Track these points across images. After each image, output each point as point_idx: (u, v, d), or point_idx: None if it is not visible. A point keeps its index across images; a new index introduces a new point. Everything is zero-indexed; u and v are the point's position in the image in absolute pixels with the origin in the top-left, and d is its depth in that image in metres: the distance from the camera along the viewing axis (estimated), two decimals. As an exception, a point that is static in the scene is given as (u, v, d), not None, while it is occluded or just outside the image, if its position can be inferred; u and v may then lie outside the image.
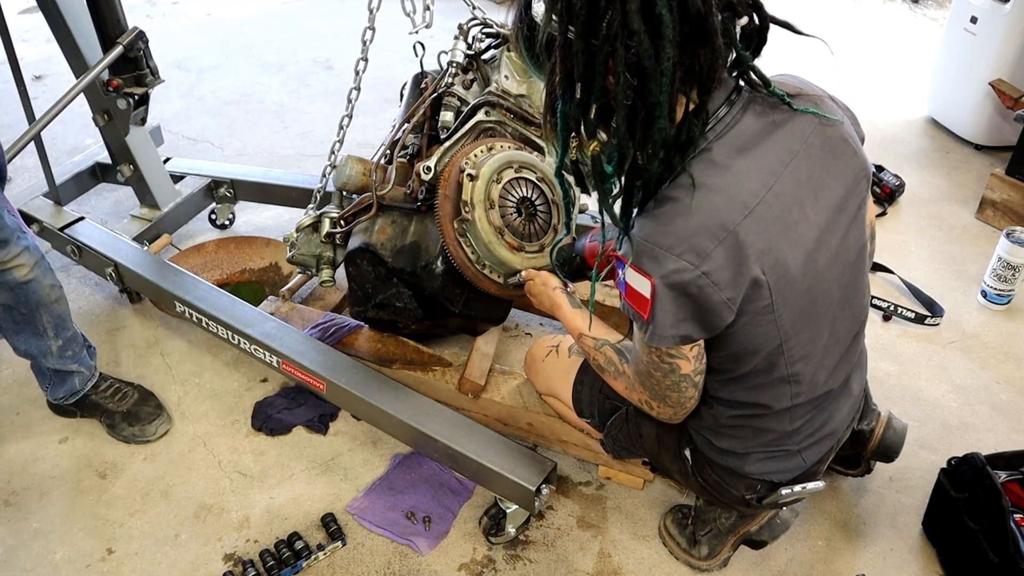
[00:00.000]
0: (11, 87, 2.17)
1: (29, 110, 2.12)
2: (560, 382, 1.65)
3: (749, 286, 1.10)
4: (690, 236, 1.07)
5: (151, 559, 1.66)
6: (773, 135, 1.13)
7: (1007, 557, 1.46)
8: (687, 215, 1.07)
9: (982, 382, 2.13)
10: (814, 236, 1.16)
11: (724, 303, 1.10)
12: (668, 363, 1.20)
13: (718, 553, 1.60)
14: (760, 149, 1.11)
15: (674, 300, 1.10)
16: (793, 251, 1.13)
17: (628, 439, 1.56)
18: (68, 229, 2.27)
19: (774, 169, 1.11)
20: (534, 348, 1.75)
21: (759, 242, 1.09)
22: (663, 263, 1.08)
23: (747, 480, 1.40)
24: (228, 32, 4.39)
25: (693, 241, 1.07)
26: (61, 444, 1.93)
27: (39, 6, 2.08)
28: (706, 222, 1.07)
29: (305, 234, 1.97)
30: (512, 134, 1.84)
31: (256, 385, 2.09)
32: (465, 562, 1.66)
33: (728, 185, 1.08)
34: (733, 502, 1.46)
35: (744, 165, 1.10)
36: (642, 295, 1.11)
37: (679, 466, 1.48)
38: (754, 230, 1.08)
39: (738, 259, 1.08)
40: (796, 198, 1.13)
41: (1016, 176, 2.67)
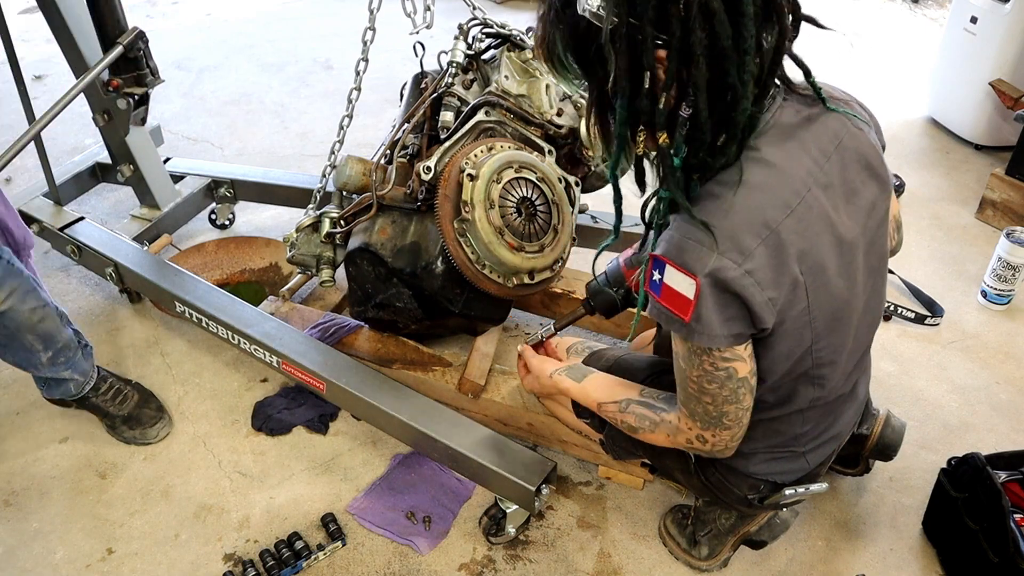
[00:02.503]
0: (11, 87, 2.17)
1: (29, 110, 2.12)
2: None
3: (789, 287, 1.07)
4: (733, 234, 1.03)
5: (151, 559, 1.66)
6: (809, 131, 1.10)
7: (1007, 557, 1.46)
8: (730, 212, 1.04)
9: (982, 382, 2.13)
10: (849, 239, 1.14)
11: (766, 304, 1.06)
12: (724, 368, 1.12)
13: (718, 553, 1.60)
14: (799, 145, 1.09)
15: (718, 299, 1.05)
16: (830, 253, 1.11)
17: (628, 439, 1.54)
18: (68, 229, 2.27)
19: (813, 169, 1.09)
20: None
21: (800, 242, 1.06)
22: (707, 261, 1.04)
23: (750, 480, 1.39)
24: (228, 32, 4.39)
25: (737, 239, 1.03)
26: (61, 444, 1.93)
27: (39, 6, 2.08)
28: (749, 219, 1.04)
29: (305, 234, 1.97)
30: (512, 134, 1.84)
31: (256, 385, 2.09)
32: (465, 562, 1.66)
33: (771, 182, 1.06)
34: (735, 502, 1.46)
35: (785, 162, 1.07)
36: (683, 296, 1.07)
37: (681, 465, 1.48)
38: (795, 229, 1.06)
39: (780, 258, 1.05)
40: (832, 199, 1.11)
41: (1016, 176, 2.67)
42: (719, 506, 1.57)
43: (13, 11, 4.45)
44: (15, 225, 1.81)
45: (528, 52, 1.88)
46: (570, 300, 2.16)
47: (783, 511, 1.54)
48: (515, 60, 1.88)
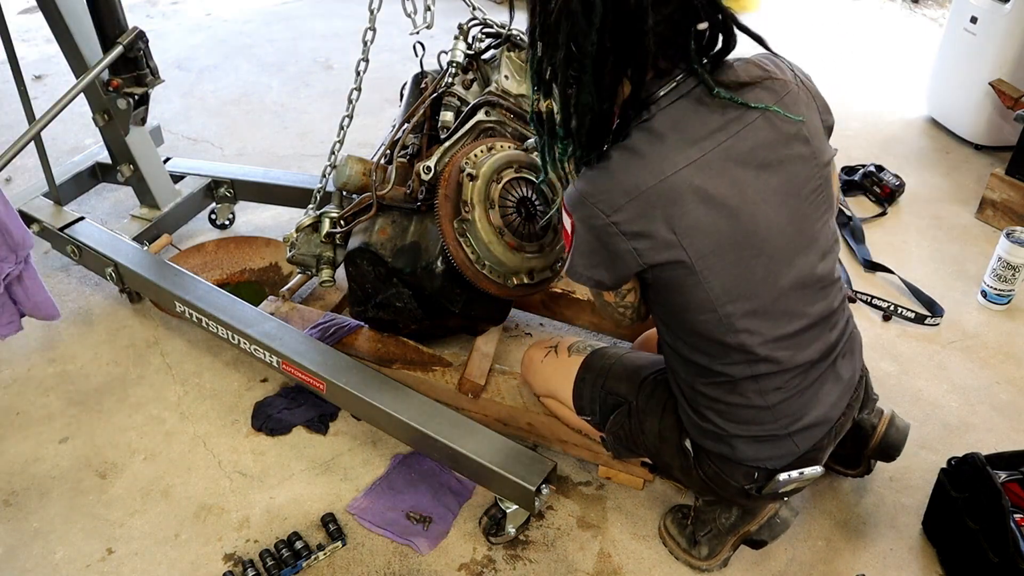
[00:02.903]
0: (11, 87, 2.18)
1: (29, 110, 2.12)
2: (560, 381, 1.64)
3: (660, 244, 1.21)
4: (608, 191, 1.22)
5: (151, 559, 1.66)
6: (713, 115, 1.22)
7: (1007, 557, 1.46)
8: (610, 174, 1.22)
9: (982, 382, 2.13)
10: (749, 211, 1.23)
11: (629, 252, 1.23)
12: (596, 292, 1.40)
13: (718, 553, 1.60)
14: (695, 126, 1.21)
15: (588, 244, 1.26)
16: (717, 222, 1.21)
17: (629, 436, 1.56)
18: (68, 229, 2.27)
19: (704, 144, 1.20)
20: (531, 351, 1.75)
21: (670, 207, 1.20)
22: (583, 208, 1.24)
23: (742, 468, 1.40)
24: (228, 32, 4.39)
25: (609, 195, 1.22)
26: (61, 444, 1.93)
27: (39, 6, 2.08)
28: (623, 181, 1.21)
29: (305, 234, 1.97)
30: (512, 134, 1.84)
31: (256, 385, 2.09)
32: (465, 562, 1.66)
33: (652, 153, 1.20)
34: (734, 494, 1.46)
35: (675, 138, 1.20)
36: (568, 233, 1.30)
37: (680, 461, 1.48)
38: (666, 196, 1.19)
39: (646, 217, 1.20)
40: (727, 173, 1.21)
41: (1016, 176, 2.67)
42: (720, 504, 1.57)
43: (13, 11, 4.45)
44: (15, 225, 1.81)
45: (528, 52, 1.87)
46: (570, 300, 2.16)
47: (783, 510, 1.54)
48: (515, 60, 1.88)
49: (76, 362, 2.16)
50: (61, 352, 2.19)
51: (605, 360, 1.61)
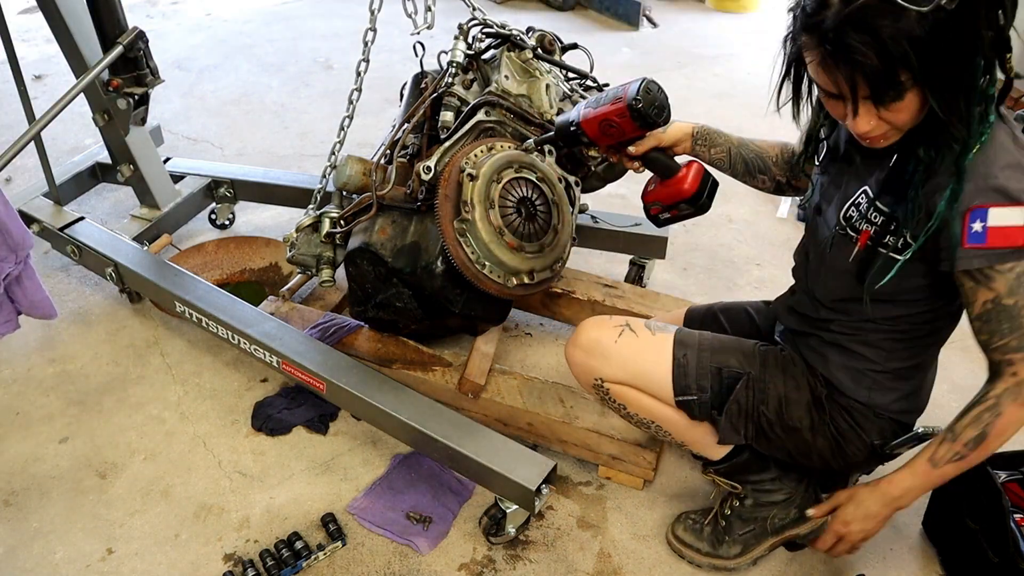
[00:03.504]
0: (11, 87, 2.18)
1: (29, 110, 2.12)
2: (650, 362, 1.50)
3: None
4: (1017, 159, 1.16)
5: (151, 559, 1.66)
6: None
7: (1007, 557, 1.46)
8: (1007, 144, 1.16)
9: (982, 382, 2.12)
10: None
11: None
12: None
13: (751, 551, 1.60)
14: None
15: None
16: None
17: (745, 409, 1.48)
18: (68, 229, 2.27)
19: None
20: (594, 332, 1.55)
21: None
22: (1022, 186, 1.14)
23: (880, 422, 1.43)
24: (228, 32, 4.40)
25: (1020, 163, 1.15)
26: (61, 444, 1.93)
27: (39, 6, 2.08)
28: (1010, 147, 1.16)
29: (305, 234, 1.97)
30: (512, 134, 1.84)
31: (256, 385, 2.09)
32: (465, 562, 1.66)
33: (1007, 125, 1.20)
34: (856, 453, 1.46)
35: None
36: (1015, 227, 1.15)
37: (810, 420, 1.45)
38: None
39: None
40: None
41: (1016, 176, 2.67)
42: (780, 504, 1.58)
43: (13, 11, 4.45)
44: (15, 225, 1.81)
45: (528, 52, 1.88)
46: (570, 300, 2.16)
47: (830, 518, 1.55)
48: (515, 60, 1.88)
49: (76, 362, 2.16)
50: (61, 352, 2.19)
51: (699, 337, 1.53)
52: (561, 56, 2.06)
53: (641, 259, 2.37)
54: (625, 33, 4.62)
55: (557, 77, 1.95)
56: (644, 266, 2.37)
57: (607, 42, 4.47)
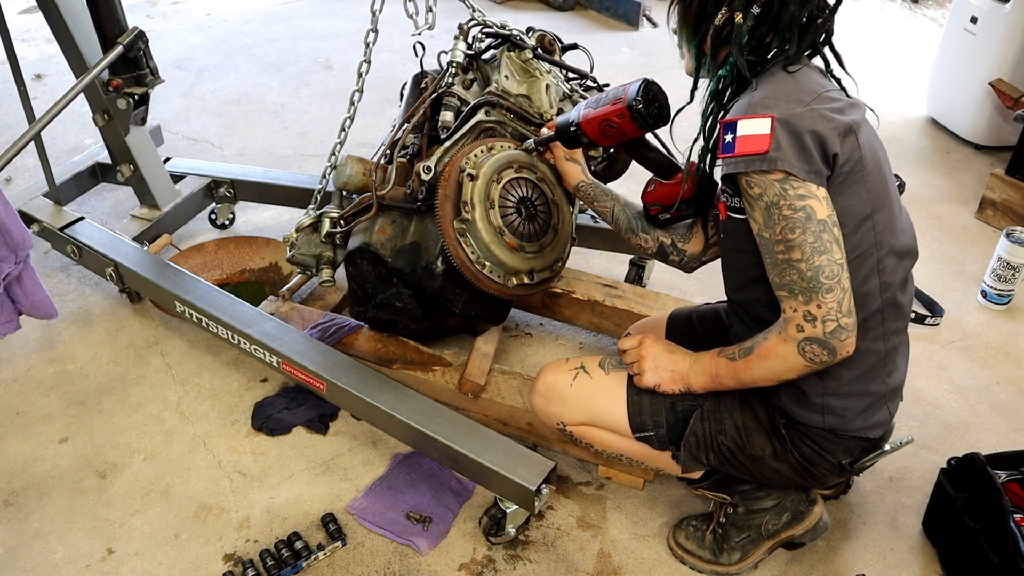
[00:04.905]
0: (11, 87, 2.18)
1: (29, 110, 2.12)
2: (605, 402, 1.52)
3: (844, 133, 1.25)
4: (794, 93, 1.25)
5: (151, 559, 1.66)
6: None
7: (1007, 557, 1.46)
8: (790, 82, 1.27)
9: (982, 382, 2.13)
10: (887, 170, 1.35)
11: (832, 132, 1.23)
12: (801, 208, 1.22)
13: (750, 556, 1.60)
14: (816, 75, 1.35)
15: (791, 138, 1.21)
16: (871, 138, 1.32)
17: (703, 441, 1.47)
18: (68, 229, 2.27)
19: (832, 92, 1.32)
20: (550, 377, 1.57)
21: (848, 115, 1.27)
22: (777, 107, 1.22)
23: (846, 442, 1.40)
24: (228, 32, 4.39)
25: (797, 96, 1.25)
26: (61, 444, 1.93)
27: (39, 6, 2.08)
28: (805, 85, 1.27)
29: (305, 234, 1.97)
30: (512, 134, 1.84)
31: (256, 385, 2.09)
32: (465, 562, 1.66)
33: (817, 77, 1.33)
34: (826, 475, 1.45)
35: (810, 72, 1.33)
36: (759, 135, 1.22)
37: (772, 448, 1.43)
38: (841, 99, 1.30)
39: (832, 112, 1.25)
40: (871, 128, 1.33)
41: (1016, 176, 2.67)
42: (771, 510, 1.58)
43: (13, 11, 4.45)
44: (15, 225, 1.81)
45: (528, 52, 1.88)
46: (570, 300, 2.16)
47: (825, 515, 1.58)
48: (515, 60, 1.87)
49: (76, 362, 2.16)
50: (61, 352, 2.19)
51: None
52: (561, 56, 2.06)
53: (641, 259, 2.37)
54: (625, 33, 4.62)
55: (557, 77, 1.95)
56: (644, 266, 2.37)
57: (607, 42, 4.47)
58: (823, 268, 1.22)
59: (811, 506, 1.58)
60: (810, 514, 1.57)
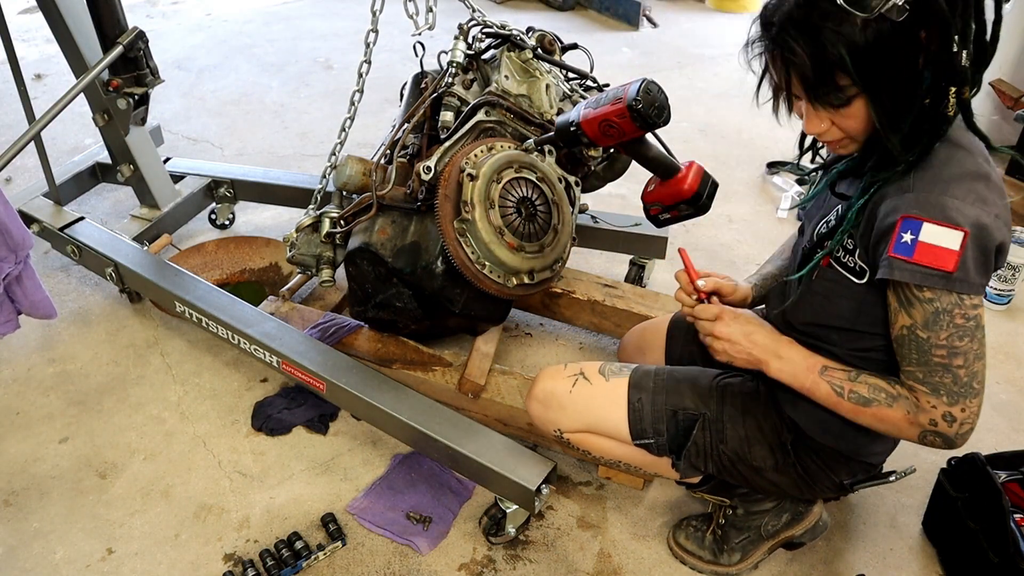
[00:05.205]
0: (11, 87, 2.18)
1: (29, 110, 2.12)
2: (605, 409, 1.50)
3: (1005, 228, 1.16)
4: (980, 185, 1.12)
5: (151, 559, 1.66)
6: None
7: (1007, 557, 1.46)
8: (969, 163, 1.14)
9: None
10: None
11: (1005, 238, 1.15)
12: (973, 317, 1.15)
13: (750, 556, 1.61)
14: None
15: (977, 248, 1.11)
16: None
17: (704, 450, 1.46)
18: (68, 229, 2.27)
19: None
20: (548, 384, 1.55)
21: (999, 187, 1.16)
22: (969, 213, 1.10)
23: (850, 465, 1.40)
24: (228, 32, 4.39)
25: (982, 191, 1.12)
26: (61, 444, 1.93)
27: (39, 6, 2.08)
28: (981, 166, 1.14)
29: (305, 234, 1.97)
30: (512, 134, 1.84)
31: (256, 385, 2.09)
32: (465, 562, 1.66)
33: (966, 143, 1.17)
34: (825, 490, 1.45)
35: (962, 134, 1.18)
36: (947, 249, 1.10)
37: (775, 460, 1.42)
38: (993, 176, 1.17)
39: (999, 200, 1.15)
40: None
41: (1016, 176, 2.67)
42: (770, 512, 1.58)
43: (13, 11, 4.45)
44: (15, 225, 1.81)
45: (528, 52, 1.88)
46: (570, 300, 2.16)
47: (824, 514, 1.59)
48: (515, 60, 1.88)
49: (76, 362, 2.16)
50: (61, 352, 2.19)
51: (654, 377, 1.51)
52: (561, 56, 2.06)
53: (641, 259, 2.37)
54: (625, 33, 4.62)
55: (557, 77, 1.95)
56: (644, 266, 2.37)
57: (607, 42, 4.47)
58: (978, 374, 1.17)
59: (810, 506, 1.58)
60: (809, 514, 1.58)
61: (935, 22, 1.06)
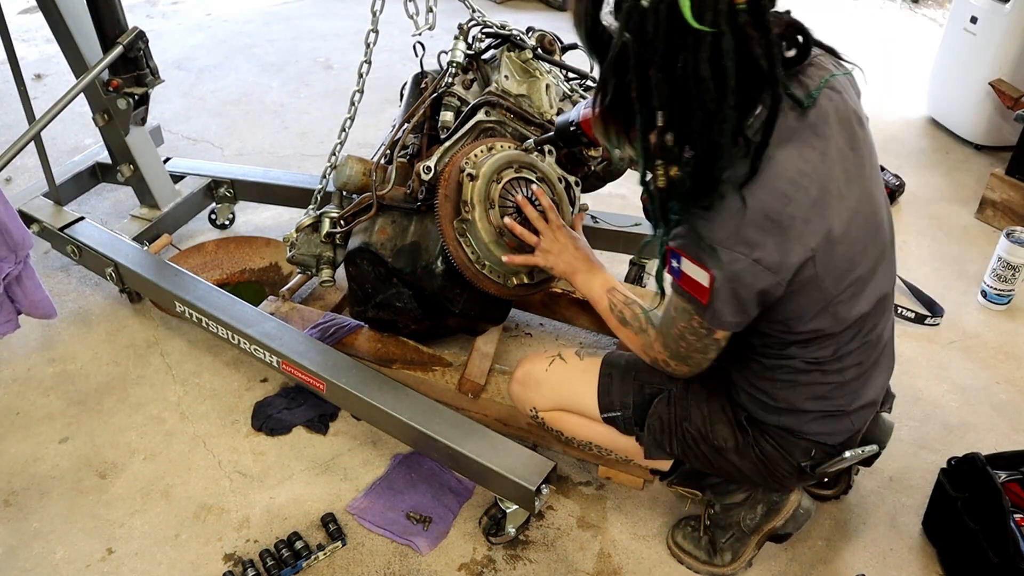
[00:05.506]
0: (11, 87, 2.18)
1: (29, 110, 2.12)
2: (577, 384, 1.56)
3: (798, 263, 1.18)
4: (740, 229, 1.15)
5: (151, 559, 1.66)
6: (803, 124, 1.19)
7: (1007, 557, 1.46)
8: (736, 211, 1.15)
9: (982, 382, 2.13)
10: (852, 206, 1.23)
11: (776, 284, 1.19)
12: (707, 331, 1.27)
13: (742, 555, 1.60)
14: (796, 139, 1.18)
15: (731, 291, 1.18)
16: (835, 225, 1.20)
17: (668, 426, 1.49)
18: (68, 229, 2.27)
19: (807, 155, 1.17)
20: (528, 365, 1.63)
21: (801, 225, 1.16)
22: (719, 256, 1.16)
23: (803, 443, 1.40)
24: (228, 32, 4.39)
25: (743, 234, 1.15)
26: (61, 444, 1.93)
27: (39, 6, 2.08)
28: (752, 216, 1.14)
29: (305, 234, 1.97)
30: (512, 134, 1.84)
31: (256, 385, 2.09)
32: (465, 562, 1.66)
33: (769, 178, 1.15)
34: (785, 476, 1.45)
35: (782, 155, 1.16)
36: (700, 284, 1.20)
37: (735, 441, 1.44)
38: (796, 214, 1.16)
39: (785, 244, 1.16)
40: (831, 175, 1.20)
41: (1016, 176, 2.67)
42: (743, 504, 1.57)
43: (13, 11, 4.44)
44: (15, 225, 1.81)
45: (528, 52, 1.88)
46: (570, 300, 2.16)
47: (804, 500, 1.56)
48: (515, 60, 1.87)
49: (76, 362, 2.16)
50: (61, 352, 2.19)
51: (627, 357, 1.56)
52: (561, 56, 2.06)
53: (641, 259, 2.37)
54: (625, 33, 4.62)
55: (557, 77, 1.95)
56: (644, 266, 2.37)
57: (607, 42, 4.47)
58: (694, 358, 1.34)
59: (786, 495, 1.56)
60: (786, 503, 1.56)
61: (622, 109, 1.15)
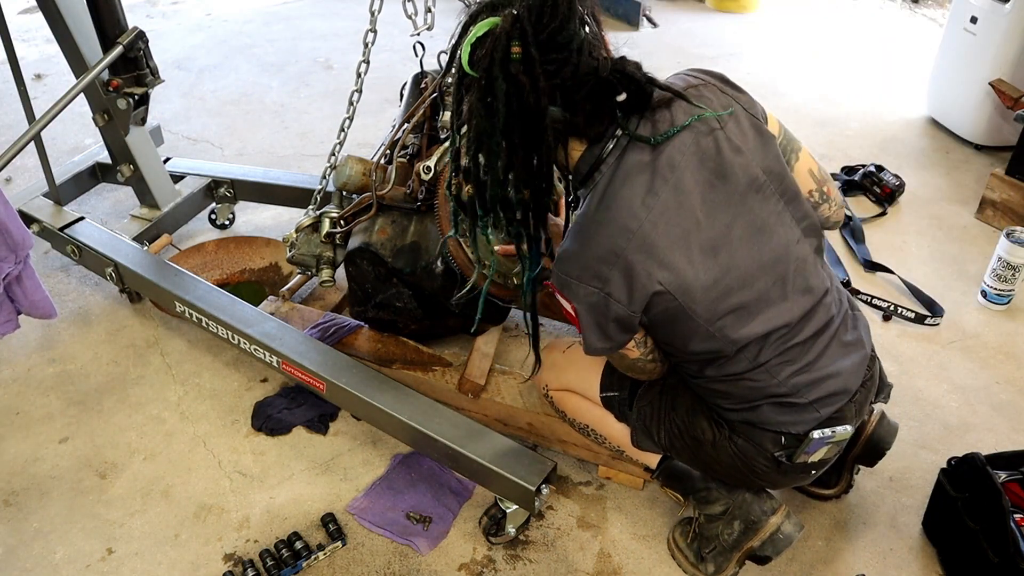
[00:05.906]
0: (11, 87, 2.18)
1: (29, 110, 2.12)
2: (587, 368, 1.63)
3: (650, 297, 1.28)
4: (589, 265, 1.28)
5: (151, 559, 1.66)
6: (656, 160, 1.28)
7: (1007, 557, 1.46)
8: (583, 246, 1.29)
9: (982, 382, 2.13)
10: (718, 235, 1.29)
11: (630, 315, 1.30)
12: (618, 354, 1.42)
13: (724, 570, 1.59)
14: (642, 176, 1.27)
15: (594, 319, 1.31)
16: (691, 255, 1.28)
17: (657, 414, 1.55)
18: (68, 229, 2.27)
19: (655, 189, 1.26)
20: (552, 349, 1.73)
21: (646, 260, 1.26)
22: (576, 290, 1.30)
23: (770, 434, 1.42)
24: (228, 32, 4.39)
25: (593, 268, 1.28)
26: (61, 444, 1.93)
27: (39, 6, 2.08)
28: (599, 252, 1.27)
29: (305, 234, 1.97)
30: (512, 134, 1.84)
31: (256, 385, 2.09)
32: (465, 562, 1.66)
33: (613, 216, 1.27)
34: (765, 471, 1.46)
35: (626, 192, 1.27)
36: (571, 313, 1.34)
37: (714, 434, 1.48)
38: (641, 249, 1.26)
39: (630, 278, 1.26)
40: (687, 205, 1.28)
41: (1016, 176, 2.67)
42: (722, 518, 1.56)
43: (13, 11, 4.44)
44: (15, 225, 1.81)
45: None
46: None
47: (785, 524, 1.52)
48: (515, 60, 1.87)
49: (76, 362, 2.16)
50: (61, 352, 2.19)
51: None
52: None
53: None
54: (625, 33, 4.62)
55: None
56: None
57: (607, 42, 4.47)
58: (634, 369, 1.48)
59: (766, 516, 1.53)
60: (765, 524, 1.52)
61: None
